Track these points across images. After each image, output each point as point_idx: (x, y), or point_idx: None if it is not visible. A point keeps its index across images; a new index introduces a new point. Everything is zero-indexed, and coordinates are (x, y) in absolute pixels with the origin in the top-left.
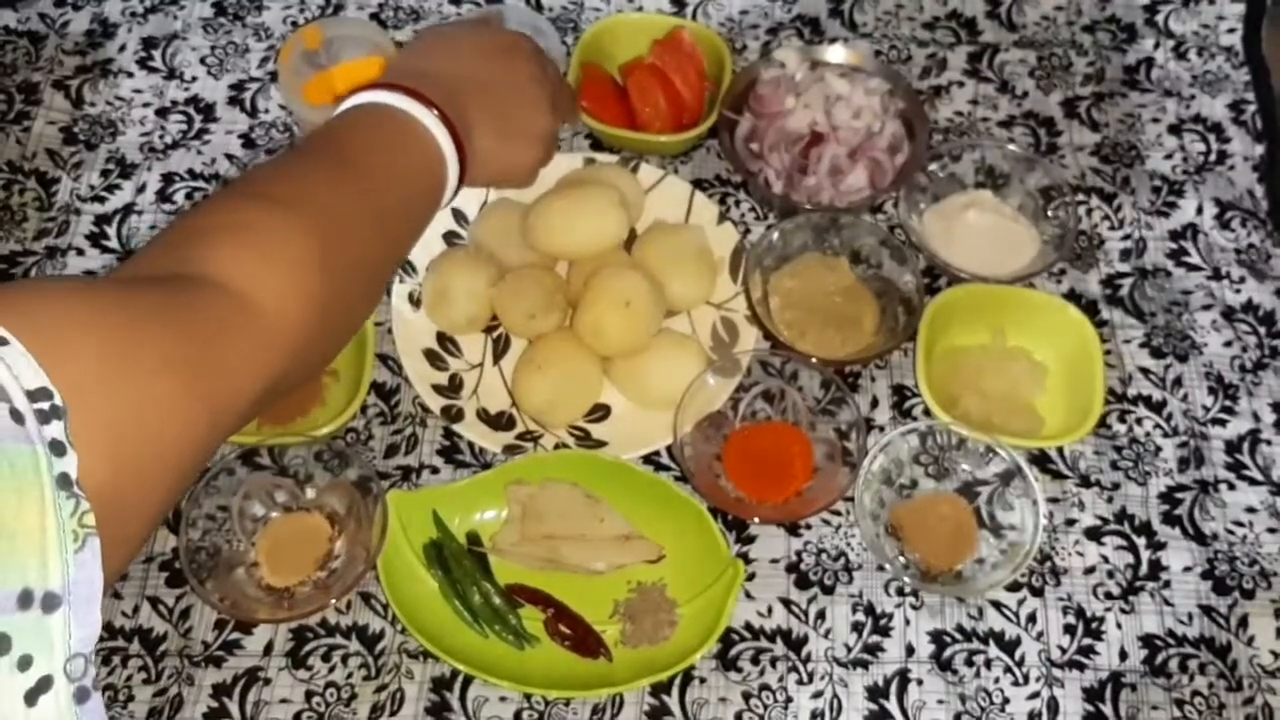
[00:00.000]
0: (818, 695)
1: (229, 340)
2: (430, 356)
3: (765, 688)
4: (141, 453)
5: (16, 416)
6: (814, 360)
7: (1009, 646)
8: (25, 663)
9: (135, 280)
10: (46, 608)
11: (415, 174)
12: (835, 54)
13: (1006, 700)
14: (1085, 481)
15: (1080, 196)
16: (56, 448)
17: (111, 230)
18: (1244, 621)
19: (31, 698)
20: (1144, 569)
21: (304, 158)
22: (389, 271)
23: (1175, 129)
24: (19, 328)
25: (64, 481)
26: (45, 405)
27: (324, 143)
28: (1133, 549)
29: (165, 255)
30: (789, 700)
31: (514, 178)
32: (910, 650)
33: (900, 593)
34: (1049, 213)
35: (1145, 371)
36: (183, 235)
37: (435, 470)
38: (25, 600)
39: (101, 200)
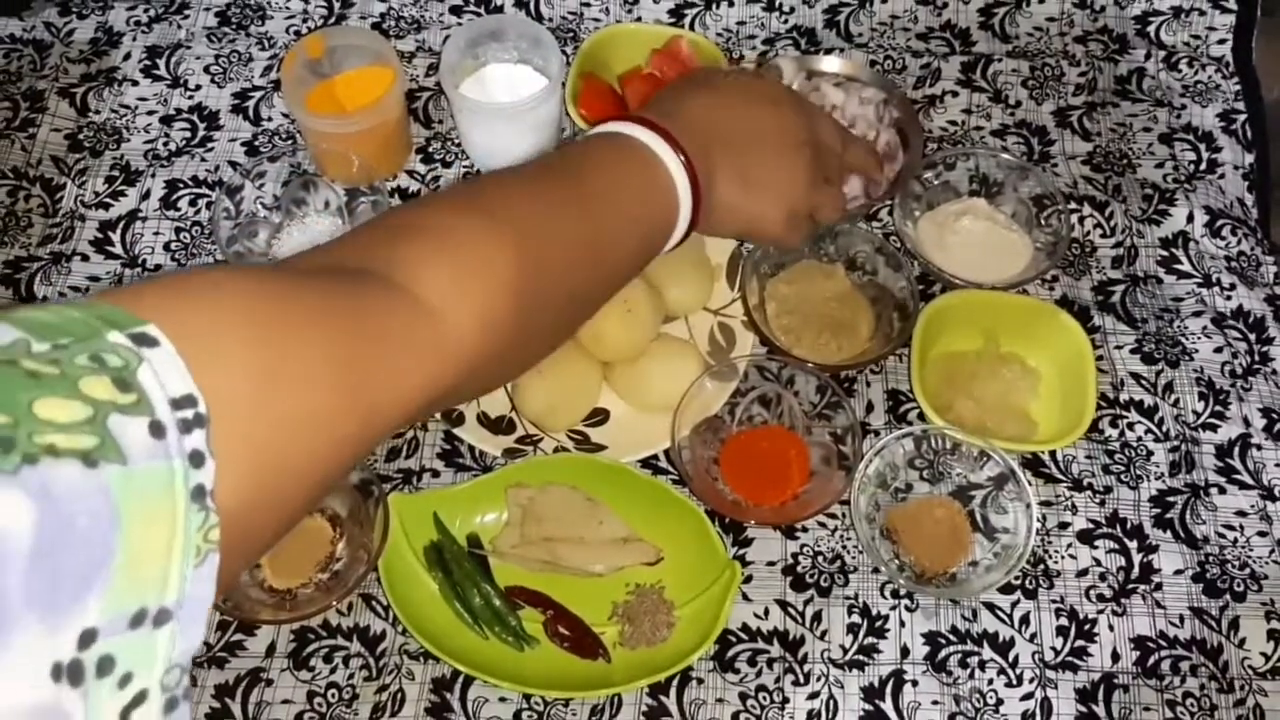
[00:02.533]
0: (814, 696)
1: (397, 347)
2: None
3: (762, 688)
4: (282, 468)
5: (157, 430)
6: (810, 365)
7: (1003, 648)
8: (125, 680)
9: (311, 272)
10: (157, 623)
11: (643, 210)
12: (831, 64)
13: (1000, 701)
14: (1078, 485)
15: (1072, 204)
16: (195, 458)
17: (116, 236)
18: (1235, 624)
19: (125, 714)
20: (1136, 572)
21: (531, 173)
22: (593, 305)
23: (1166, 138)
24: (171, 325)
25: (198, 494)
26: (189, 414)
27: (557, 161)
28: (1125, 552)
29: (357, 247)
30: (785, 701)
31: (758, 233)
32: (905, 652)
33: (895, 595)
34: (1042, 220)
35: (1137, 377)
36: (380, 230)
37: (436, 473)
38: (138, 620)
39: (106, 207)
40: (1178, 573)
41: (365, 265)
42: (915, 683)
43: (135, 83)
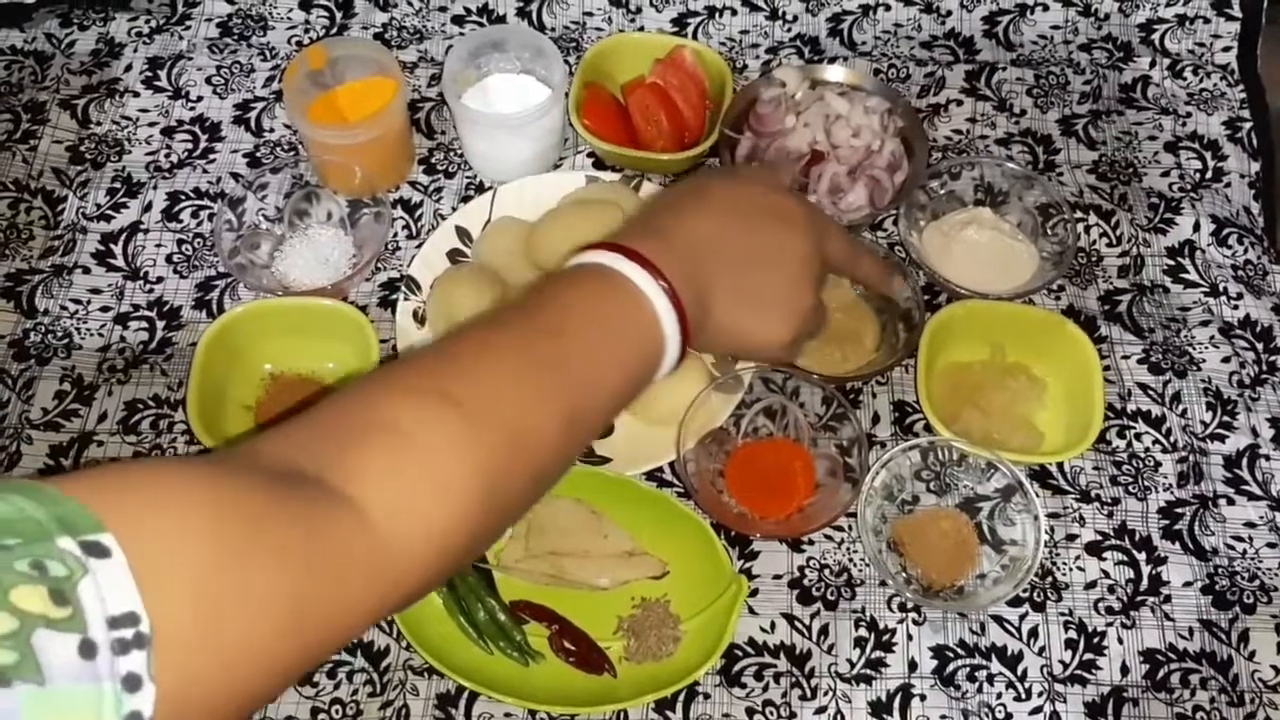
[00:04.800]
0: (821, 711)
1: (347, 579)
2: None
3: (769, 703)
4: (214, 699)
5: (87, 649)
6: (815, 377)
7: (1011, 661)
8: None
9: (274, 478)
10: None
11: (627, 356)
12: (835, 73)
13: (1009, 715)
14: (1085, 497)
15: (1078, 214)
16: (131, 682)
17: (118, 249)
18: (1245, 636)
19: None
20: (1144, 584)
21: (505, 334)
22: (565, 470)
23: (1172, 146)
24: (128, 532)
25: None
26: (129, 633)
27: (535, 313)
28: (1133, 564)
29: (312, 443)
30: (792, 716)
31: (759, 353)
32: (913, 665)
33: (902, 608)
34: (1047, 230)
35: (1144, 387)
36: (338, 425)
37: None
38: None
39: (108, 219)
40: (1187, 585)
41: (321, 472)
42: (923, 697)
43: (136, 94)
